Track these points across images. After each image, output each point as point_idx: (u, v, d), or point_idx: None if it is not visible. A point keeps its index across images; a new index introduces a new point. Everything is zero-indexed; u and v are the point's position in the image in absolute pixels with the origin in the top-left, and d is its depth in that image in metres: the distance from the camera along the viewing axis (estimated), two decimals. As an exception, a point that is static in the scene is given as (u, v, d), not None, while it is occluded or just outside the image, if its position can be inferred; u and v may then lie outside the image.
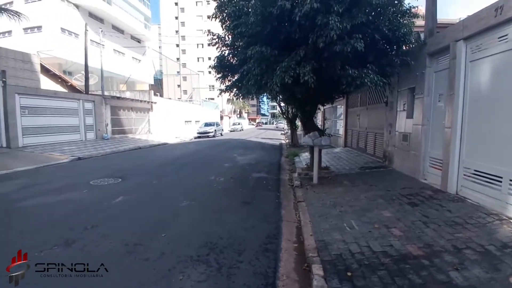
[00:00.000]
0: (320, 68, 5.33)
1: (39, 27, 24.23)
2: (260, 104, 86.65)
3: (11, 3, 23.55)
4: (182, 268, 2.89)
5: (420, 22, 6.82)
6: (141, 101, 22.81)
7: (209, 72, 7.27)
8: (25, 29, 23.45)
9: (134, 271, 2.86)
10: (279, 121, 57.31)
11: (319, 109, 15.02)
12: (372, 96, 9.52)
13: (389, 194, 5.14)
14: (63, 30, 25.49)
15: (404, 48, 6.24)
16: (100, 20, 30.35)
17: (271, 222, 4.23)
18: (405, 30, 5.64)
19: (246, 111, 72.66)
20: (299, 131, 19.23)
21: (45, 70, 19.48)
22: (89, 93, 18.92)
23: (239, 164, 9.98)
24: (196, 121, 33.09)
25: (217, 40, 6.59)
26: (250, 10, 5.43)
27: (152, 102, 23.92)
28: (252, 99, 20.01)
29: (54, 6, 24.77)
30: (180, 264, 2.95)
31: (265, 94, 10.66)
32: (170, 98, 33.90)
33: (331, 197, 5.21)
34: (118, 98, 20.89)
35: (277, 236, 3.74)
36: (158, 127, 24.40)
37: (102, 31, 20.58)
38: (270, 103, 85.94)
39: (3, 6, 8.95)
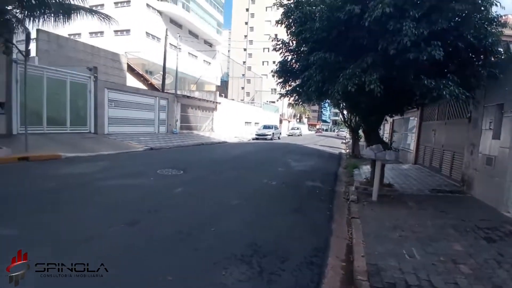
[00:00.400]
0: (390, 76, 4.92)
1: (127, 31, 27.90)
2: (322, 110, 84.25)
3: (102, 5, 27.24)
4: (226, 264, 2.98)
5: (508, 31, 5.84)
6: (207, 101, 24.45)
7: (272, 76, 7.38)
8: (116, 32, 26.97)
9: (184, 259, 3.07)
10: (340, 129, 54.92)
11: (386, 120, 13.91)
12: (452, 109, 8.38)
13: (463, 224, 4.44)
14: (147, 34, 29.09)
15: (492, 59, 5.39)
16: (179, 25, 33.62)
17: (320, 235, 4.06)
18: (493, 39, 4.88)
19: (307, 116, 71.52)
20: (362, 141, 18.10)
21: (131, 69, 22.44)
22: (165, 91, 21.11)
23: (293, 170, 9.88)
24: (255, 123, 33.97)
25: (281, 45, 6.64)
26: (316, 15, 5.33)
27: (216, 102, 25.42)
28: (313, 104, 19.59)
29: (141, 12, 28.41)
30: (224, 260, 3.05)
31: (326, 101, 10.32)
32: (233, 99, 35.57)
33: (391, 218, 4.75)
34: (188, 97, 22.78)
35: (325, 250, 3.57)
36: (220, 126, 25.80)
37: (179, 36, 22.79)
38: (333, 110, 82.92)
39: (94, 8, 10.51)
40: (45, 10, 8.75)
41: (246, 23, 60.22)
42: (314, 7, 5.49)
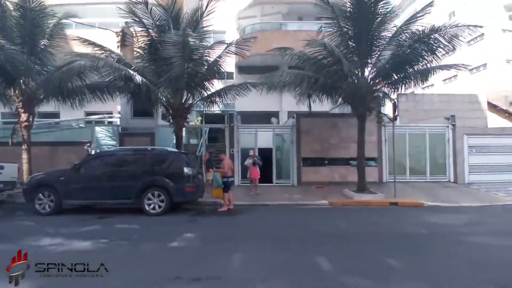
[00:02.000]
0: None
1: (484, 65, 25.78)
2: None
3: (453, 50, 26.75)
4: None
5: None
6: None
7: None
8: (470, 70, 25.06)
9: None
10: None
11: None
12: None
13: None
14: (508, 61, 24.50)
15: None
16: None
17: None
18: None
19: None
20: None
21: (492, 106, 19.54)
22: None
23: None
24: None
25: None
26: None
27: None
28: None
29: (497, 40, 24.75)
30: None
31: None
32: None
33: None
34: None
35: None
36: None
37: None
38: None
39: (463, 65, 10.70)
40: (405, 81, 10.93)
41: None
42: None
